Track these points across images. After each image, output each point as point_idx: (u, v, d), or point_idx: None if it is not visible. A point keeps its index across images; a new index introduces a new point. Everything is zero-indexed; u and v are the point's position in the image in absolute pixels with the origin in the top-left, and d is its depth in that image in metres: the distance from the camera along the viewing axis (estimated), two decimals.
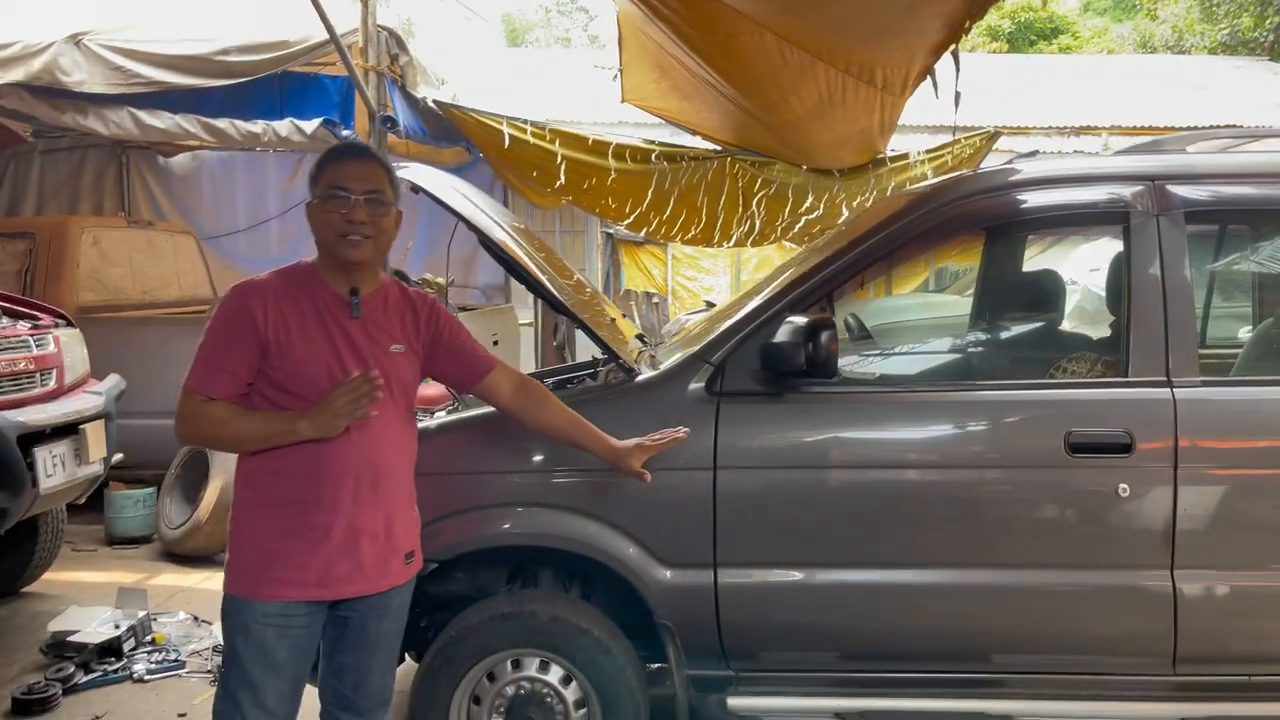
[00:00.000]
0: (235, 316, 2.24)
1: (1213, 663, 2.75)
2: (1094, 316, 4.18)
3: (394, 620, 2.44)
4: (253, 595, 2.23)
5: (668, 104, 6.69)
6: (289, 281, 2.32)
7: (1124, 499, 2.69)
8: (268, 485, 2.26)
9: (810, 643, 2.85)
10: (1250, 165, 2.93)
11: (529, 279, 2.94)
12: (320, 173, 2.30)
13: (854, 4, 4.32)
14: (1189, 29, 20.18)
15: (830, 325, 2.58)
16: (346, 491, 2.26)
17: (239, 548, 2.28)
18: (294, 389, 2.24)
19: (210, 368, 2.24)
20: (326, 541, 2.25)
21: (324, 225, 2.27)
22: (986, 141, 6.77)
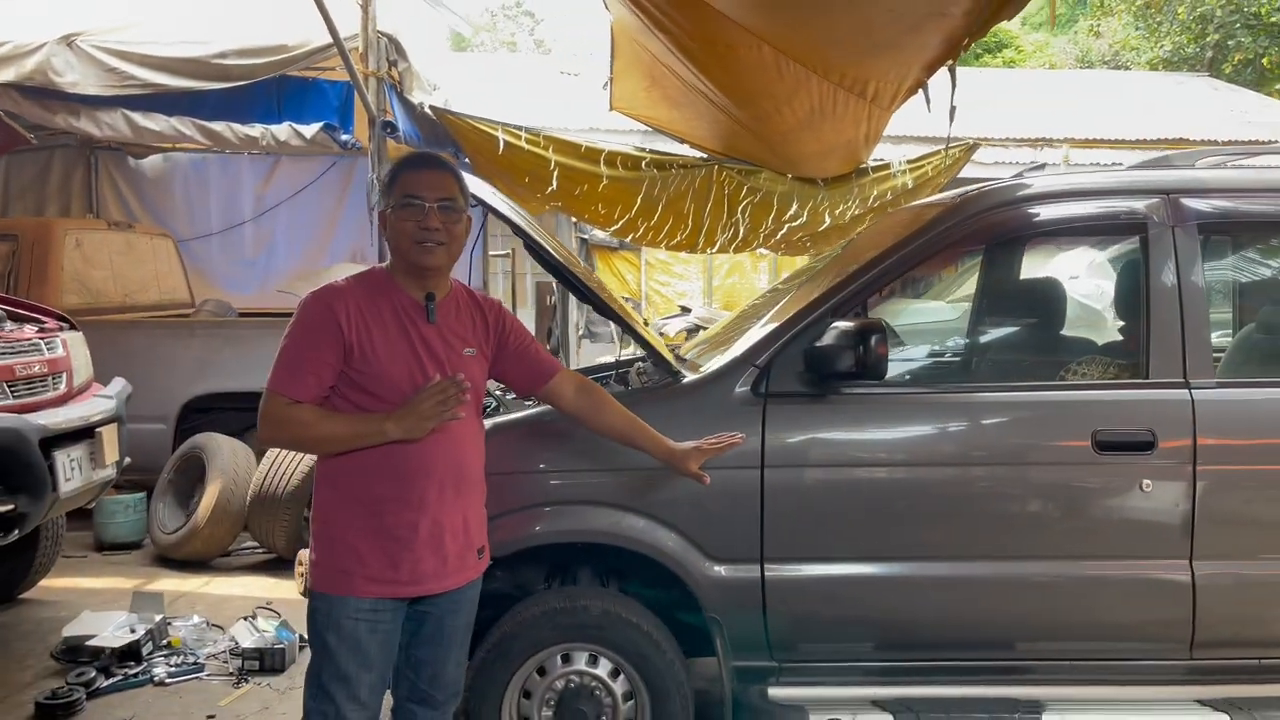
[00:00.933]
0: (319, 320, 2.30)
1: (1227, 647, 2.93)
2: (1076, 322, 4.39)
3: (467, 614, 2.54)
4: (347, 592, 2.30)
5: (657, 113, 6.81)
6: (367, 287, 2.39)
7: (1147, 493, 2.86)
8: (355, 485, 2.32)
9: (851, 633, 2.97)
10: (1257, 181, 3.13)
11: (579, 285, 3.04)
12: (394, 181, 2.38)
13: (860, 21, 4.47)
14: (1126, 46, 20.90)
15: (880, 329, 2.71)
16: (433, 490, 2.33)
17: (328, 547, 2.34)
18: (376, 391, 2.31)
19: (295, 370, 2.29)
20: (415, 538, 2.32)
21: (399, 232, 2.35)
22: (965, 153, 7.00)
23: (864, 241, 4.23)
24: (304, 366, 2.28)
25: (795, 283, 4.36)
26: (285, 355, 2.32)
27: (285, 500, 5.41)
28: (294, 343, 2.32)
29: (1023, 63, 24.50)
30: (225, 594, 5.11)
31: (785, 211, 6.94)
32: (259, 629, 4.21)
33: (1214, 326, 3.10)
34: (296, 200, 9.28)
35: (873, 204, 6.97)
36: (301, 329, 2.32)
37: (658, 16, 5.18)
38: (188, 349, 6.32)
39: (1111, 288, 3.88)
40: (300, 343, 2.31)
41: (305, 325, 2.32)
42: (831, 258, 4.55)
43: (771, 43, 5.11)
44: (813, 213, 6.93)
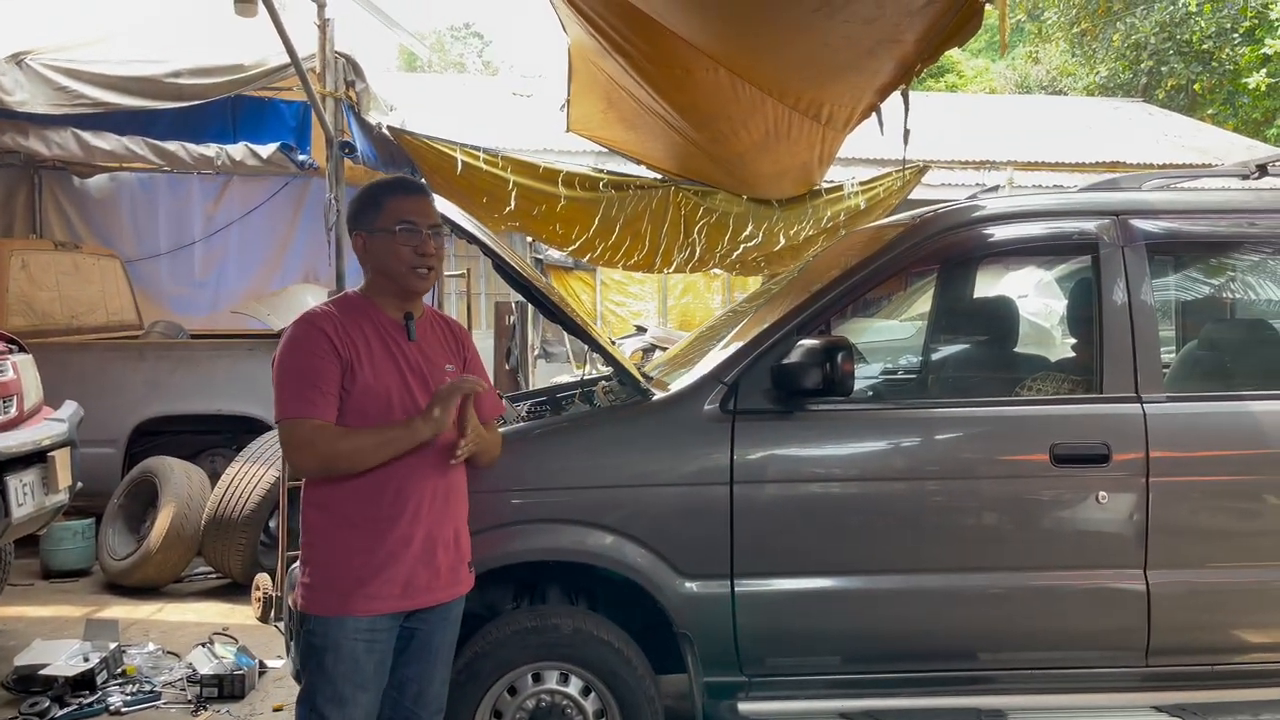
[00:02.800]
0: (314, 341, 2.32)
1: (1181, 654, 3.02)
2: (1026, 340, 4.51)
3: (453, 630, 2.56)
4: (344, 612, 2.32)
5: (614, 134, 6.86)
6: (345, 309, 2.43)
7: (1102, 505, 2.95)
8: (347, 507, 2.34)
9: (819, 647, 3.01)
10: (1200, 203, 3.26)
11: (548, 305, 3.06)
12: (381, 206, 2.41)
13: (817, 46, 4.56)
14: (1063, 72, 21.51)
15: (846, 346, 2.77)
16: (425, 503, 2.37)
17: (322, 570, 2.35)
18: (366, 408, 2.32)
19: (306, 392, 2.28)
20: (408, 552, 2.35)
21: (394, 257, 2.38)
22: (916, 175, 7.16)
23: (823, 262, 4.31)
24: (314, 386, 2.29)
25: (754, 303, 4.43)
26: (289, 381, 2.30)
27: (241, 524, 5.33)
28: (295, 366, 2.31)
29: (964, 87, 25.11)
30: (179, 620, 5.01)
31: (741, 232, 7.02)
32: (217, 655, 4.14)
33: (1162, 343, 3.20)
34: (248, 220, 9.18)
35: (826, 224, 7.08)
36: (299, 352, 2.32)
37: (616, 39, 5.24)
38: (138, 371, 6.21)
39: (1058, 306, 4.00)
40: (302, 365, 2.31)
41: (302, 348, 2.32)
42: (789, 278, 4.63)
43: (728, 66, 5.20)
44: (768, 233, 7.02)
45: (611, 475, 2.96)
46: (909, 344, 4.96)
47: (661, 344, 9.28)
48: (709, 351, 3.99)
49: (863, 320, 7.11)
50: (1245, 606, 3.01)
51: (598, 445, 3.00)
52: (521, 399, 4.23)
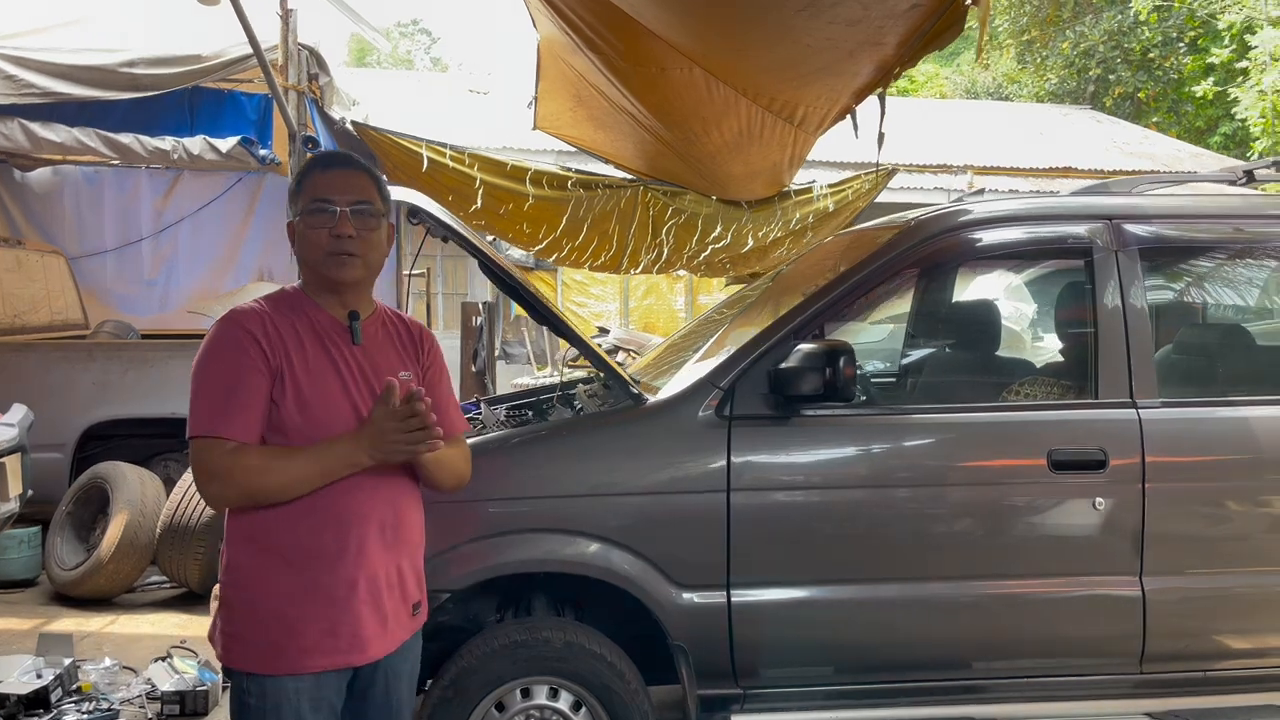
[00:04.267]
0: (239, 346, 1.97)
1: (1175, 660, 3.01)
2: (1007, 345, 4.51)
3: (415, 663, 2.23)
4: (280, 670, 1.97)
5: (582, 133, 6.76)
6: (279, 307, 2.07)
7: (1099, 511, 2.92)
8: (280, 539, 1.98)
9: (815, 657, 2.95)
10: (1192, 207, 3.26)
11: (537, 305, 2.96)
12: (300, 185, 2.08)
13: (801, 48, 4.51)
14: (1010, 79, 21.84)
15: (848, 350, 2.71)
16: (370, 539, 2.02)
17: (249, 618, 1.99)
18: (297, 425, 1.98)
19: (225, 407, 1.94)
20: (354, 598, 2.00)
21: (308, 243, 2.04)
22: (884, 177, 7.16)
23: (807, 266, 4.26)
24: (235, 400, 1.94)
25: (734, 309, 4.36)
26: (206, 392, 1.96)
27: (199, 531, 5.13)
28: (215, 375, 1.97)
29: (915, 92, 25.37)
30: (134, 633, 4.80)
31: (709, 233, 6.96)
32: (177, 670, 3.96)
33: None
34: (199, 217, 8.91)
35: (795, 227, 7.05)
36: (220, 358, 1.98)
37: (590, 36, 5.14)
38: (87, 372, 5.97)
39: (1028, 310, 3.98)
40: (223, 374, 1.96)
41: (223, 353, 1.98)
42: (765, 284, 4.57)
43: (705, 66, 5.13)
44: (736, 234, 6.97)
45: (603, 482, 2.87)
46: (883, 348, 4.93)
47: (625, 345, 9.19)
48: (690, 357, 3.95)
49: (831, 323, 7.07)
50: (1239, 612, 3.01)
51: (589, 452, 2.91)
52: (498, 403, 4.12)
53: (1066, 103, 18.60)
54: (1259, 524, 3.01)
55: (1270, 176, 3.45)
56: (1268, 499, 3.00)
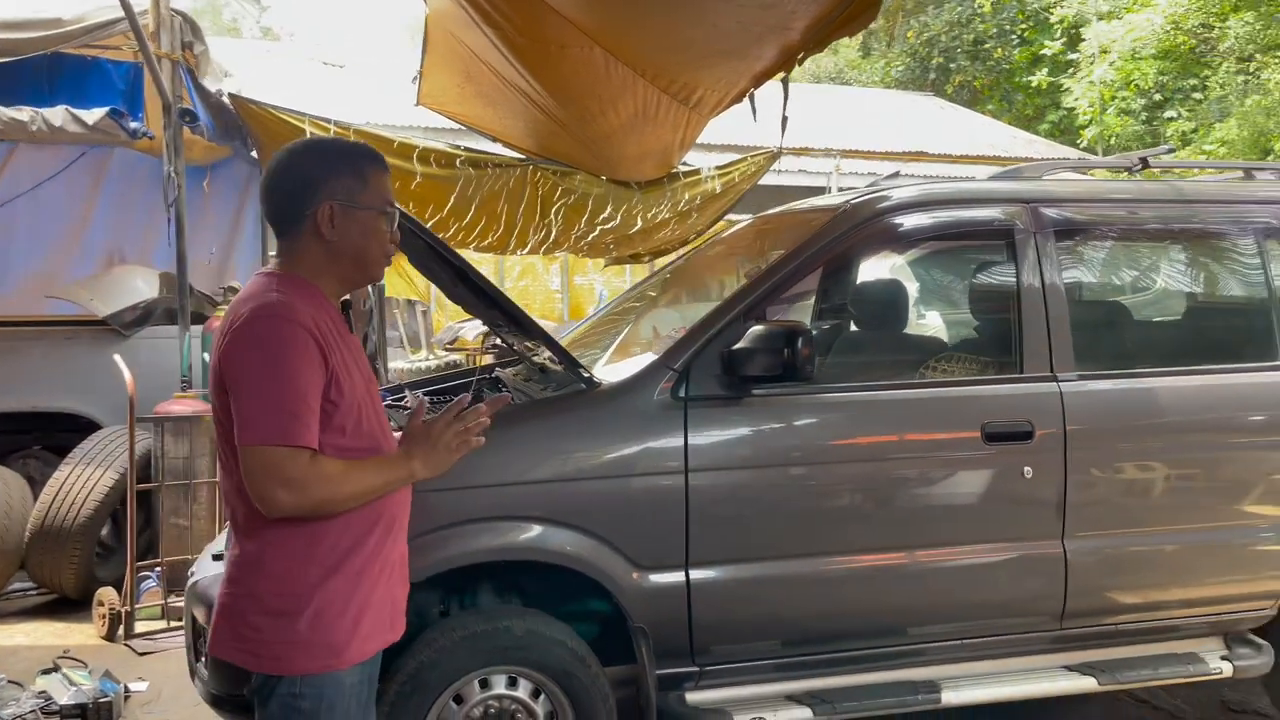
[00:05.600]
0: (307, 349, 1.87)
1: (1091, 615, 3.22)
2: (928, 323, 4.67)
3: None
4: (342, 665, 1.94)
5: (469, 110, 6.61)
6: (309, 301, 1.95)
7: (1028, 479, 3.10)
8: (341, 544, 1.94)
9: (768, 632, 3.01)
10: (1097, 192, 3.47)
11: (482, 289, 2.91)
12: (366, 179, 2.01)
13: (707, 29, 4.54)
14: (851, 65, 22.64)
15: (806, 331, 2.76)
16: (398, 519, 2.09)
17: (314, 621, 1.92)
18: (346, 423, 1.95)
19: (300, 414, 1.85)
20: (392, 577, 2.06)
21: (374, 241, 2.01)
22: (768, 160, 7.31)
23: (729, 248, 4.32)
24: (311, 406, 1.86)
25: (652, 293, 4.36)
26: (280, 396, 1.84)
27: (75, 535, 4.79)
28: (288, 379, 1.85)
29: None
30: (9, 644, 4.45)
31: (599, 214, 6.94)
32: (74, 682, 3.69)
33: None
34: (37, 195, 8.20)
35: (682, 208, 7.12)
36: (291, 361, 1.86)
37: (488, 11, 5.03)
38: None
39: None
40: (296, 378, 1.86)
41: (293, 355, 1.86)
42: (675, 266, 4.59)
43: (607, 45, 5.10)
44: (626, 215, 6.98)
45: (561, 468, 2.84)
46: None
47: None
48: (617, 339, 3.95)
49: (678, 305, 7.17)
50: (1145, 569, 3.24)
51: (545, 437, 2.86)
52: (416, 389, 4.00)
53: (911, 89, 19.44)
54: (1163, 486, 3.26)
55: (1162, 163, 3.71)
56: (1170, 463, 3.25)
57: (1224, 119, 14.04)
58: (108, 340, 5.63)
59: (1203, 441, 3.30)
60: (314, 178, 1.99)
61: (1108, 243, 3.66)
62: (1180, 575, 3.28)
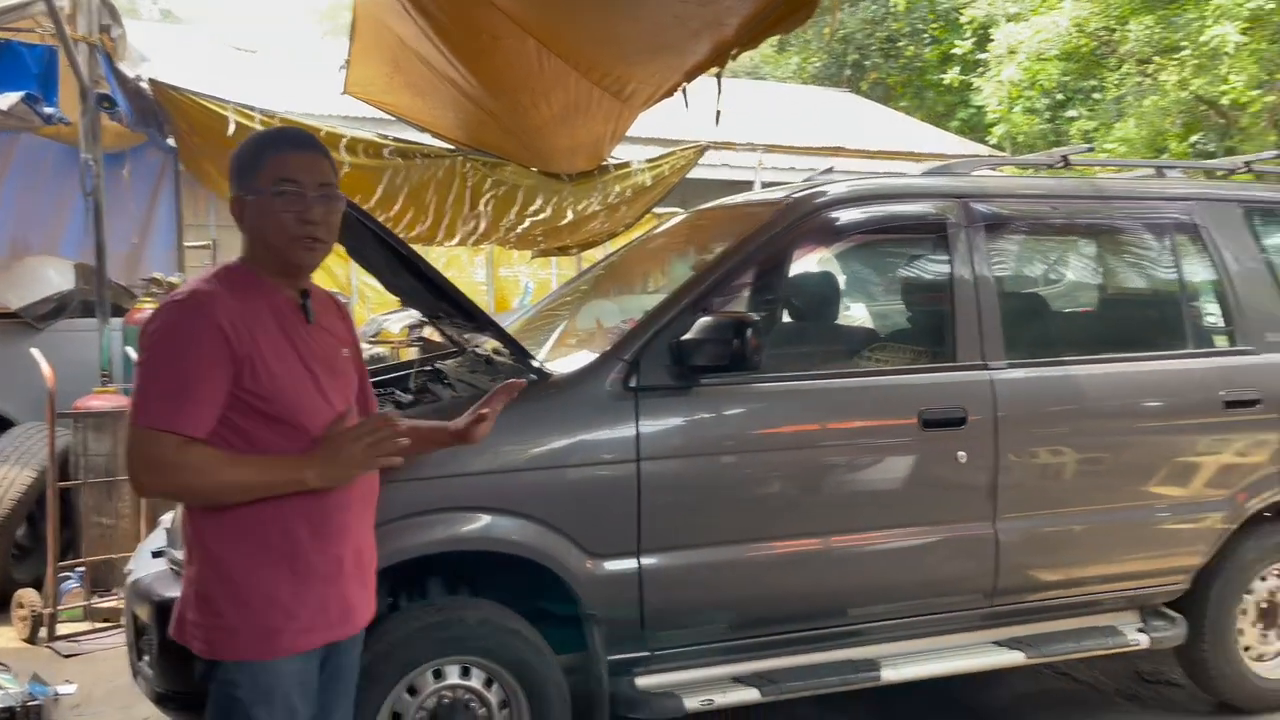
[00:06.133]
0: (203, 336, 1.88)
1: (1019, 593, 3.37)
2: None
3: (359, 646, 2.22)
4: (276, 654, 1.96)
5: (398, 99, 6.52)
6: (236, 288, 1.97)
7: (961, 464, 3.23)
8: (271, 531, 1.95)
9: (716, 616, 3.08)
10: (1023, 187, 3.63)
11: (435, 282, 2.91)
12: (259, 162, 2.00)
13: (644, 25, 4.58)
14: (765, 60, 22.92)
15: (754, 322, 2.84)
16: (352, 515, 2.05)
17: (242, 606, 1.95)
18: (271, 412, 1.94)
19: (183, 400, 1.86)
20: (342, 572, 2.03)
21: (275, 225, 1.97)
22: (697, 154, 7.39)
23: (668, 241, 4.38)
24: (193, 393, 1.87)
25: (585, 287, 4.40)
26: (164, 381, 1.88)
27: None
28: (173, 364, 1.88)
29: None
30: None
31: (529, 205, 6.93)
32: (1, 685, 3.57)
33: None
34: None
35: (612, 200, 7.15)
36: (179, 346, 1.89)
37: (421, 0, 4.99)
38: None
39: (895, 282, 4.27)
40: (183, 363, 1.88)
41: (186, 342, 1.89)
42: (612, 260, 4.62)
43: (541, 38, 5.10)
44: (556, 207, 6.98)
45: (515, 459, 2.86)
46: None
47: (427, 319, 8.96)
48: (556, 332, 3.97)
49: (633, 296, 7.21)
50: (1071, 547, 3.40)
51: (500, 428, 2.85)
52: None
53: (827, 85, 19.80)
54: (1085, 469, 3.43)
55: (1084, 161, 3.89)
56: (1092, 447, 3.42)
57: (1121, 119, 14.66)
58: (19, 334, 5.43)
59: (1120, 426, 3.47)
60: (231, 173, 2.04)
61: (1034, 236, 3.82)
62: (1101, 553, 3.45)
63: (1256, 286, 3.71)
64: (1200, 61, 12.71)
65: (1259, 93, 12.63)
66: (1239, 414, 3.54)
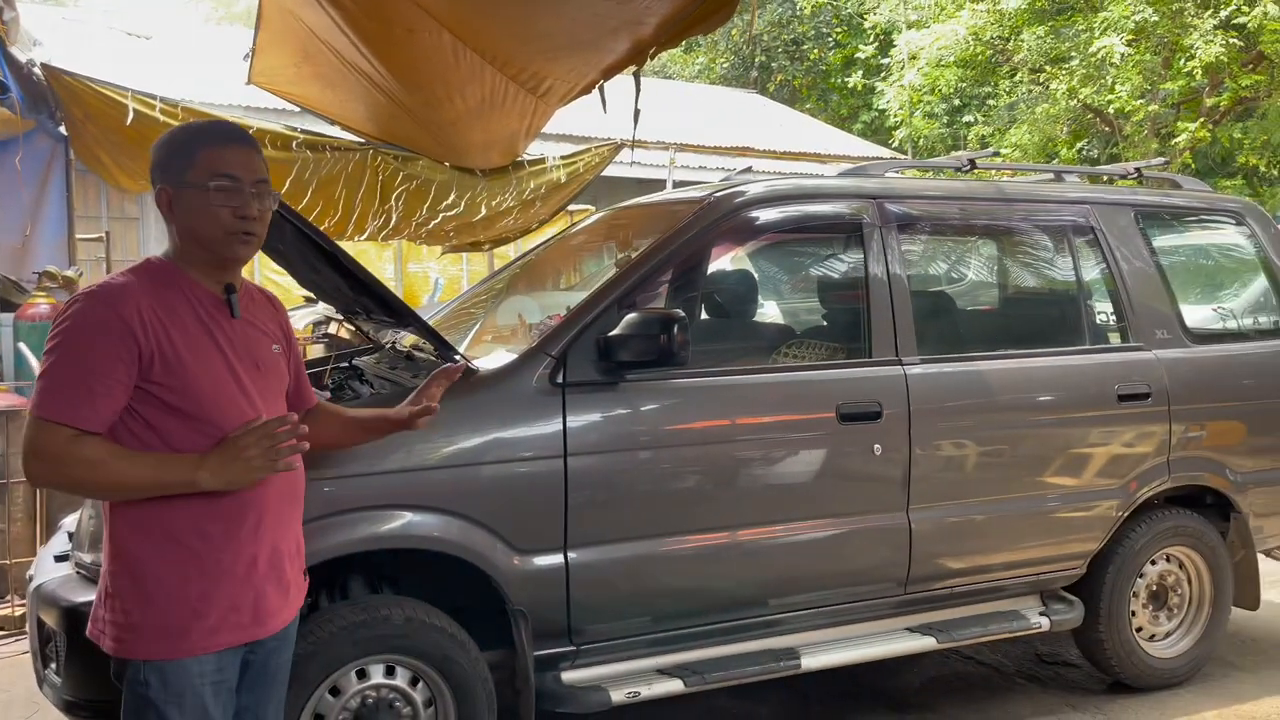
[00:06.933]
0: (106, 330, 1.87)
1: (931, 580, 3.49)
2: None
3: (290, 646, 2.22)
4: (184, 654, 1.93)
5: (306, 91, 6.38)
6: (152, 281, 1.97)
7: (877, 456, 3.33)
8: (178, 527, 1.93)
9: (641, 609, 3.11)
10: (933, 189, 3.75)
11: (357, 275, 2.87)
12: (191, 155, 1.98)
13: (562, 21, 4.58)
14: (673, 59, 23.14)
15: (682, 319, 2.87)
16: (269, 514, 2.02)
17: (148, 606, 1.93)
18: (182, 406, 1.93)
19: (80, 393, 1.85)
20: (255, 572, 2.00)
21: (209, 219, 1.96)
22: (612, 151, 7.42)
23: (588, 237, 4.39)
24: (92, 387, 1.85)
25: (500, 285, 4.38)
26: (63, 373, 1.86)
27: None
28: (75, 357, 1.86)
29: None
30: None
31: (442, 200, 6.86)
32: None
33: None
34: None
35: (527, 196, 7.13)
36: (82, 340, 1.87)
37: None
38: None
39: (811, 279, 4.37)
40: (83, 357, 1.86)
41: (88, 335, 1.87)
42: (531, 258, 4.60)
43: (456, 32, 5.06)
44: (470, 203, 6.93)
45: (441, 455, 2.84)
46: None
47: (336, 317, 8.78)
48: (475, 328, 3.96)
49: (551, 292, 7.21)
50: (978, 535, 3.54)
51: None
52: None
53: (734, 86, 20.06)
54: (991, 460, 3.57)
55: (989, 164, 4.04)
56: (997, 439, 3.56)
57: (1014, 125, 15.25)
58: None
59: (1023, 419, 3.62)
60: (155, 164, 2.03)
61: (944, 237, 3.96)
62: (1006, 540, 3.59)
63: (1147, 286, 3.92)
64: (1088, 71, 13.31)
65: (1142, 102, 13.29)
66: (1131, 407, 3.74)
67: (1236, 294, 4.64)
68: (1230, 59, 12.61)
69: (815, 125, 17.33)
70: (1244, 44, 12.90)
